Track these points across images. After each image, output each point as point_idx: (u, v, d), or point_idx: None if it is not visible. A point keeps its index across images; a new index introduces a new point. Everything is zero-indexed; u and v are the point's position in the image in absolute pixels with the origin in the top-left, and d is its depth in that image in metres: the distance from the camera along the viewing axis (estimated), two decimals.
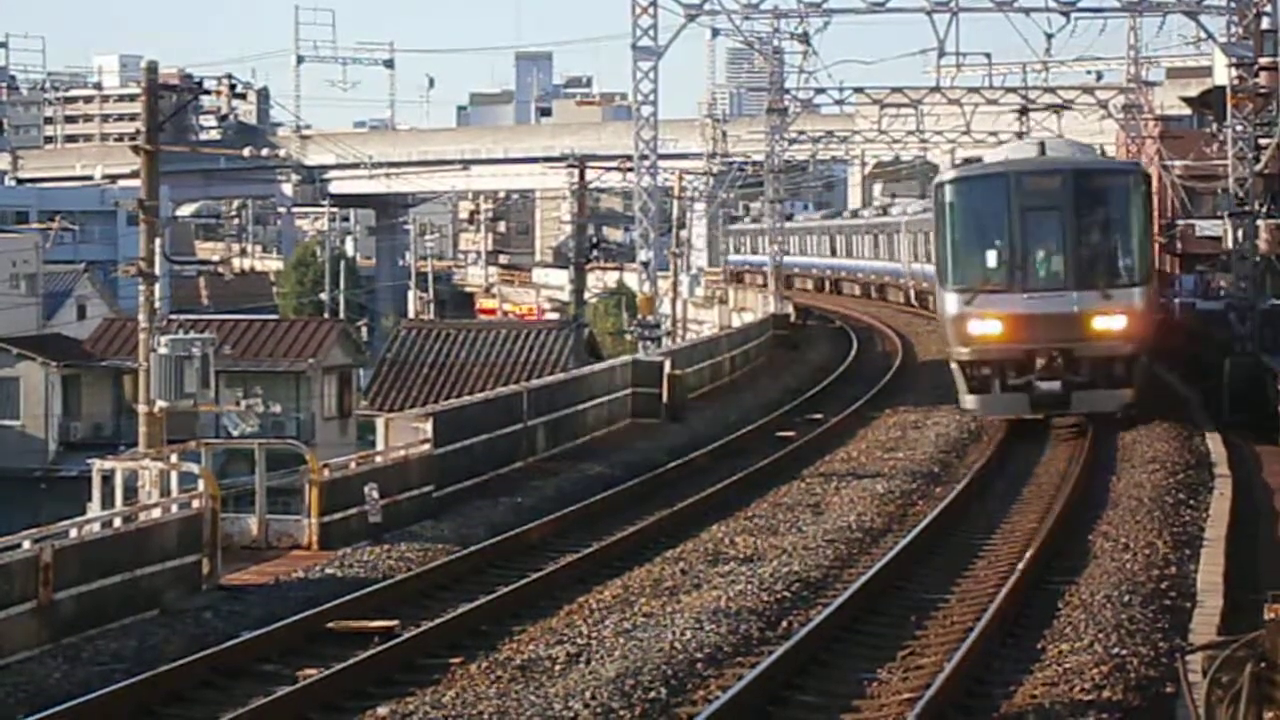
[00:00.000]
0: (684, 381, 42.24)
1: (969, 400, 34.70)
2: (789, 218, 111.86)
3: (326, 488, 25.68)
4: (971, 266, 34.72)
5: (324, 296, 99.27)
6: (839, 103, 66.03)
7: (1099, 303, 33.70)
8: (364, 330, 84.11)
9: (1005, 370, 33.97)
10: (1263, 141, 46.00)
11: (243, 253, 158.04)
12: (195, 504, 22.71)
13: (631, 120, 47.23)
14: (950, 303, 34.70)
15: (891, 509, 26.97)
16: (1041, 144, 37.05)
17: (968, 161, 54.70)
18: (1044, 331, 33.64)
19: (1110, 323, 33.68)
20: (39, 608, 19.23)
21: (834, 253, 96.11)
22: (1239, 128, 42.02)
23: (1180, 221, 63.78)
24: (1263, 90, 45.84)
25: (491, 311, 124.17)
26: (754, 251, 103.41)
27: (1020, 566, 21.40)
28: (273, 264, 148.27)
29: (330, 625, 19.92)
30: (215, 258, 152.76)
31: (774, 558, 22.94)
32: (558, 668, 17.53)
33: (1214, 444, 32.48)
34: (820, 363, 56.08)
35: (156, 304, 30.78)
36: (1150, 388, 37.28)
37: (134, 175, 39.63)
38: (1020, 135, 55.63)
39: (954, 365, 35.05)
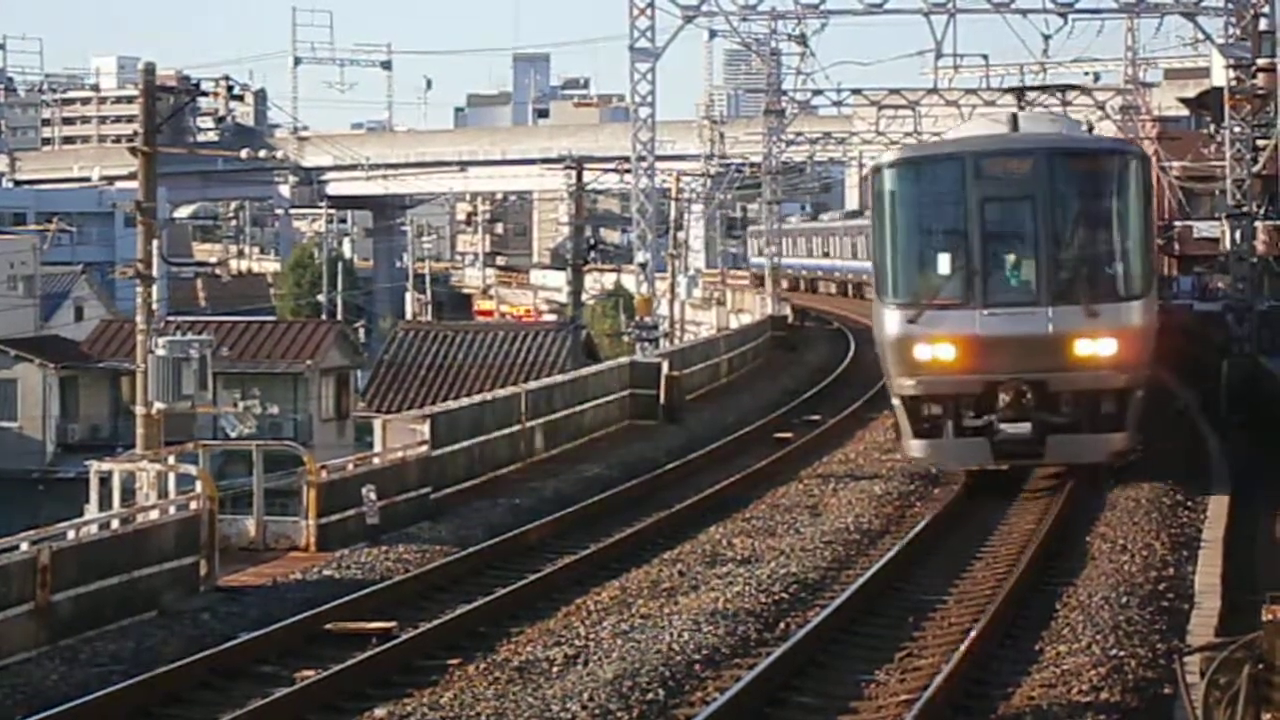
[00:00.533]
0: (682, 383, 42.24)
1: (914, 446, 27.51)
2: (814, 216, 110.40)
3: (324, 489, 25.68)
4: (917, 275, 27.81)
5: (321, 298, 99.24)
6: (836, 104, 66.04)
7: (1082, 321, 26.63)
8: (361, 332, 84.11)
9: (960, 408, 26.94)
10: (1260, 143, 46.11)
11: (240, 254, 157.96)
12: (193, 505, 22.72)
13: (629, 121, 47.27)
14: (890, 321, 27.47)
15: (889, 510, 26.96)
16: (1014, 117, 30.07)
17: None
18: (1010, 358, 26.62)
19: (1097, 347, 26.64)
20: (37, 609, 19.22)
21: (855, 255, 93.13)
22: (1237, 129, 42.05)
23: (1178, 223, 63.93)
24: (1260, 91, 45.93)
25: (489, 313, 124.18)
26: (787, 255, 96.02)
27: (1018, 568, 21.40)
28: (270, 265, 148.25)
29: (328, 627, 19.92)
30: (213, 259, 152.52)
31: (772, 559, 22.94)
32: (555, 669, 17.54)
33: (1212, 445, 32.49)
34: (818, 364, 56.12)
35: (154, 305, 30.78)
36: (1150, 404, 30.29)
37: (131, 177, 39.65)
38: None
39: (895, 401, 27.95)
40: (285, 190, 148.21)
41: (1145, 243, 27.76)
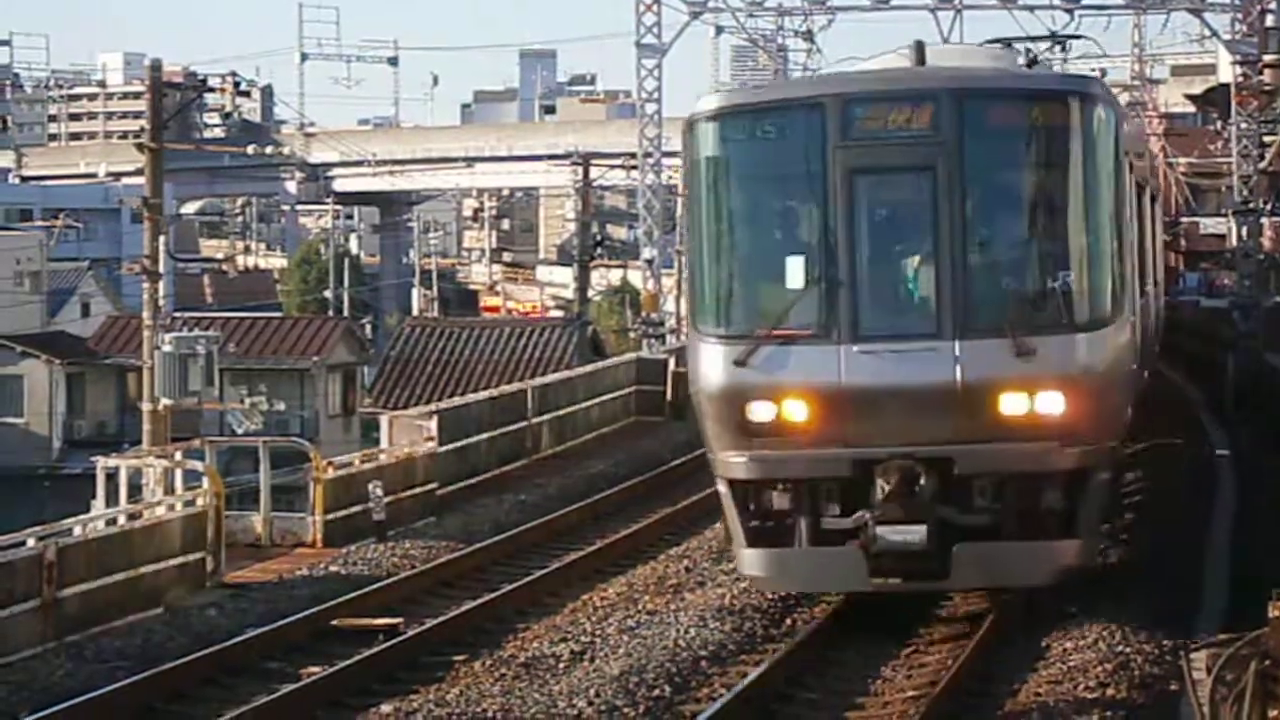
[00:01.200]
0: (688, 379, 42.20)
1: (748, 559, 17.88)
2: None
3: (331, 485, 25.71)
4: (750, 290, 18.07)
5: (328, 294, 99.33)
6: None
7: (1011, 363, 16.99)
8: (368, 328, 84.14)
9: (818, 501, 17.52)
10: (1267, 139, 46.10)
11: (247, 250, 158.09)
12: (199, 502, 22.74)
13: (635, 118, 47.32)
14: (708, 362, 17.99)
15: None
16: (919, 47, 19.27)
17: None
18: (895, 422, 17.10)
19: (1034, 404, 17.07)
20: (43, 605, 19.25)
21: None
22: (1243, 125, 42.08)
23: (1184, 219, 63.95)
24: (1267, 87, 45.91)
25: (495, 309, 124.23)
26: None
27: None
28: (277, 262, 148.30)
29: (334, 623, 19.95)
30: (219, 255, 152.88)
31: None
32: (562, 665, 17.54)
33: (1218, 441, 32.41)
34: None
35: (161, 302, 30.82)
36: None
37: (138, 173, 39.70)
38: None
39: (721, 488, 18.16)
40: (292, 186, 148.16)
41: (1115, 235, 17.70)
